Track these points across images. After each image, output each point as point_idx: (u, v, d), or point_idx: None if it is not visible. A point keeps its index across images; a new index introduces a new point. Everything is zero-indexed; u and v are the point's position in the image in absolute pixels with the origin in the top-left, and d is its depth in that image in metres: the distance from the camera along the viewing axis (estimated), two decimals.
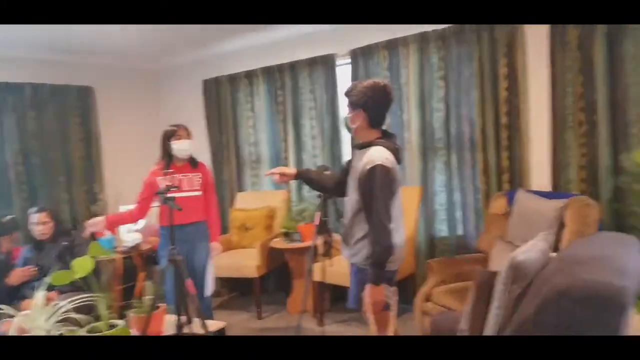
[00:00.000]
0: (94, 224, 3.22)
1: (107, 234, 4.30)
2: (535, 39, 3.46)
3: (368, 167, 2.12)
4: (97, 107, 5.01)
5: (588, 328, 1.37)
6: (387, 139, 2.26)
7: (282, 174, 2.57)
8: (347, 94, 2.26)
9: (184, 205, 3.15)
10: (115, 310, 3.91)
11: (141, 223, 5.09)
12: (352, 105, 2.23)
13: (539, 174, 3.53)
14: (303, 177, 2.62)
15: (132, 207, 3.44)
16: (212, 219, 3.45)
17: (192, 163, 3.38)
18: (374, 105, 2.19)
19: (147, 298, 2.62)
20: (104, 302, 2.34)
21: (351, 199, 2.28)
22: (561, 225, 2.92)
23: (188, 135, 3.32)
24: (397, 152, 2.24)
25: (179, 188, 3.07)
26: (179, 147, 3.25)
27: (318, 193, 3.28)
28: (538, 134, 3.52)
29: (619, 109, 3.18)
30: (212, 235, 3.43)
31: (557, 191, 3.40)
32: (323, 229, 3.23)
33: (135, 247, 4.34)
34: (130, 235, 4.46)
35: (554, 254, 1.85)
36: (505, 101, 3.56)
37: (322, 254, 3.30)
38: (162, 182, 3.18)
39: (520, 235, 3.11)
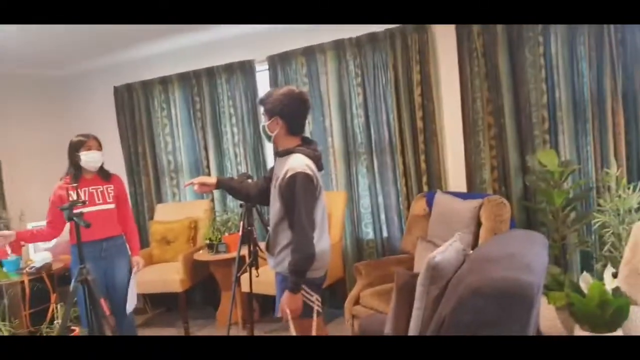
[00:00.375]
0: (2, 236, 2.96)
1: (11, 255, 3.97)
2: (445, 46, 3.64)
3: (288, 175, 2.11)
4: None
5: (501, 323, 1.44)
6: (307, 145, 2.25)
7: (202, 184, 2.47)
8: (262, 101, 2.24)
9: (97, 219, 3.00)
10: None
11: (52, 240, 4.77)
12: (269, 113, 2.21)
13: (455, 175, 3.71)
14: (225, 186, 2.53)
15: (40, 224, 3.20)
16: (130, 232, 3.28)
17: (103, 175, 3.20)
18: (290, 112, 2.17)
19: (57, 322, 2.45)
20: (6, 329, 2.15)
21: (274, 208, 2.25)
22: (478, 224, 3.08)
23: (98, 146, 3.15)
24: (317, 159, 2.23)
25: (87, 203, 2.90)
26: (88, 158, 3.06)
27: (241, 202, 3.24)
28: (452, 137, 3.70)
29: (524, 112, 3.41)
30: (132, 249, 3.26)
31: (472, 191, 3.59)
32: (247, 238, 3.19)
33: (45, 267, 4.03)
34: (38, 254, 4.14)
35: (471, 252, 1.94)
36: (420, 106, 3.70)
37: (248, 264, 3.24)
38: (71, 197, 2.98)
39: (440, 235, 3.23)
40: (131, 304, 3.19)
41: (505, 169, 3.52)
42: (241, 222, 3.12)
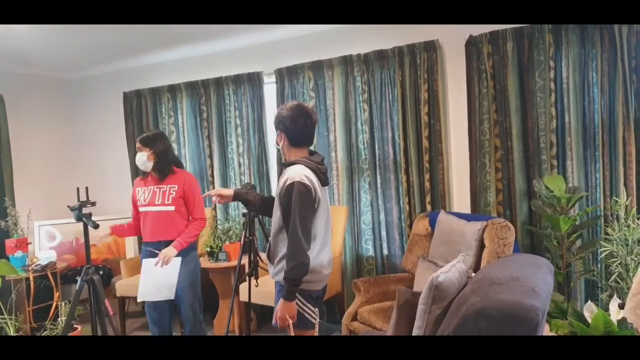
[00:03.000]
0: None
1: (18, 252, 3.97)
2: (454, 65, 3.64)
3: (287, 183, 2.16)
4: (7, 116, 4.64)
5: None
6: (311, 158, 2.29)
7: (219, 195, 2.53)
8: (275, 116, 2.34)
9: (155, 221, 3.06)
10: (25, 334, 3.63)
11: (57, 239, 4.77)
12: (275, 127, 2.31)
13: (459, 196, 3.69)
14: (240, 198, 2.60)
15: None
16: (188, 226, 3.13)
17: (161, 175, 3.10)
18: (291, 125, 2.24)
19: (61, 320, 2.45)
20: (12, 324, 2.14)
21: (275, 217, 2.29)
22: (481, 246, 3.04)
23: (144, 147, 3.07)
24: (320, 172, 2.27)
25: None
26: (136, 159, 3.10)
27: (243, 212, 3.22)
28: (458, 157, 3.68)
29: (532, 136, 3.40)
30: (177, 240, 3.06)
31: (476, 213, 3.56)
32: (248, 248, 3.16)
33: (50, 265, 4.02)
34: (44, 253, 4.16)
35: (473, 274, 1.91)
36: (427, 125, 3.69)
37: (248, 274, 3.21)
38: (139, 194, 3.11)
39: (442, 255, 3.20)
40: (147, 294, 3.07)
41: (510, 192, 3.49)
42: (243, 232, 3.09)
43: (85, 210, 2.55)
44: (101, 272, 4.74)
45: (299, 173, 2.16)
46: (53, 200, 5.02)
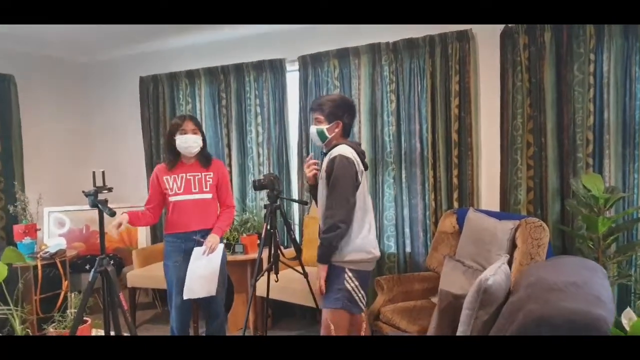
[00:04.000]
0: (119, 222, 2.82)
1: (26, 239, 3.87)
2: (487, 57, 3.48)
3: (329, 159, 2.35)
4: (18, 98, 4.53)
5: None
6: (352, 141, 2.53)
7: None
8: (320, 106, 2.47)
9: (192, 210, 2.92)
10: (32, 325, 3.53)
11: (66, 226, 4.68)
12: (330, 117, 2.44)
13: (489, 193, 3.54)
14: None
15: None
16: (222, 213, 3.05)
17: (204, 161, 2.99)
18: (348, 119, 2.49)
19: (71, 311, 2.36)
20: (18, 315, 2.04)
21: (321, 200, 2.42)
22: (512, 246, 2.90)
23: (195, 129, 2.92)
24: (362, 154, 2.47)
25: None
26: (182, 142, 2.88)
27: (265, 203, 3.10)
28: (488, 153, 3.53)
29: (567, 132, 3.24)
30: (215, 227, 2.97)
31: (505, 211, 3.41)
32: (269, 241, 3.05)
33: (59, 253, 3.92)
34: (53, 240, 4.05)
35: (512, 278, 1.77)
36: (457, 118, 3.54)
37: (267, 268, 3.10)
38: (169, 183, 2.92)
39: (470, 255, 3.07)
40: (196, 290, 2.89)
41: (542, 191, 3.34)
42: (265, 224, 2.98)
43: (101, 197, 2.42)
44: (112, 262, 4.63)
45: (343, 150, 2.34)
46: (64, 185, 4.92)
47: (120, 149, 5.09)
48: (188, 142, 2.88)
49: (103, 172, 2.66)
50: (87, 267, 4.39)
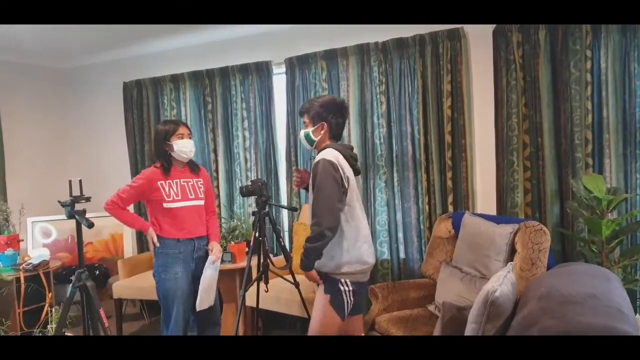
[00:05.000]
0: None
1: (8, 250, 3.70)
2: (480, 55, 3.38)
3: (314, 163, 2.23)
4: None
5: None
6: (342, 144, 2.38)
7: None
8: (307, 110, 2.38)
9: (189, 216, 2.81)
10: None
11: (53, 236, 4.50)
12: (315, 119, 2.35)
13: (484, 196, 3.42)
14: None
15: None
16: (212, 221, 3.01)
17: (193, 167, 2.93)
18: (335, 120, 2.36)
19: (51, 326, 2.23)
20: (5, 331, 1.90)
21: (310, 204, 2.29)
22: (512, 251, 2.78)
23: (190, 135, 2.86)
24: (350, 157, 2.32)
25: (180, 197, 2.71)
26: (181, 147, 2.78)
27: (253, 210, 2.97)
28: (483, 155, 3.42)
29: (564, 132, 3.14)
30: (211, 234, 2.95)
31: (502, 215, 3.30)
32: (258, 249, 2.91)
33: (42, 265, 3.75)
34: (36, 250, 3.88)
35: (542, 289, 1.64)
36: (449, 120, 3.43)
37: (257, 278, 2.95)
38: (164, 189, 2.76)
39: (468, 261, 2.95)
40: (206, 301, 2.84)
41: (540, 193, 3.23)
42: (253, 232, 2.84)
43: (78, 207, 2.27)
44: (97, 272, 4.47)
45: (328, 153, 2.23)
46: (46, 194, 4.74)
47: (103, 156, 4.92)
48: (188, 147, 2.81)
49: (80, 181, 2.52)
50: (72, 278, 4.20)
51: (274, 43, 4.01)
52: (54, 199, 4.81)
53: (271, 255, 3.05)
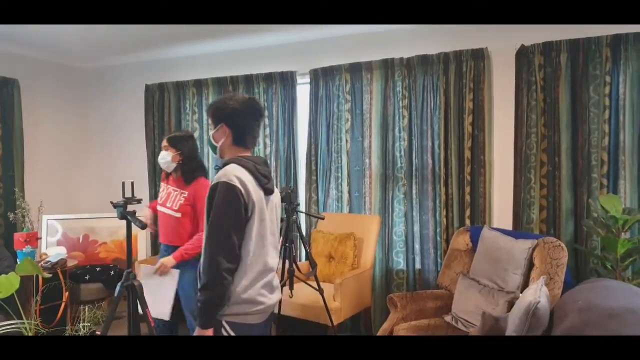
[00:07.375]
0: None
1: (27, 247, 3.74)
2: (502, 75, 3.50)
3: (211, 185, 1.76)
4: (21, 103, 4.43)
5: None
6: (250, 157, 1.86)
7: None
8: (209, 108, 1.94)
9: (163, 223, 2.95)
10: None
11: (58, 234, 4.54)
12: (215, 120, 1.90)
13: (501, 212, 3.53)
14: None
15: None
16: (192, 241, 2.83)
17: (185, 178, 2.90)
18: (240, 121, 1.87)
19: (84, 325, 2.27)
20: (31, 328, 1.95)
21: (204, 238, 1.79)
22: (529, 266, 2.89)
23: (166, 146, 2.94)
24: (258, 174, 1.82)
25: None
26: (159, 159, 2.98)
27: (282, 216, 3.04)
28: (501, 171, 3.53)
29: (581, 153, 3.25)
30: (178, 250, 2.81)
31: (518, 230, 3.41)
32: (285, 255, 3.00)
33: (60, 263, 3.80)
34: (54, 249, 3.93)
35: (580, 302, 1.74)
36: (470, 136, 3.54)
37: (282, 284, 3.03)
38: (160, 191, 3.06)
39: (486, 274, 3.04)
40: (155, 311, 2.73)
41: (555, 210, 3.35)
42: (280, 238, 2.91)
43: (129, 208, 2.36)
44: (112, 272, 4.52)
45: (228, 172, 1.74)
46: (65, 193, 4.82)
47: (123, 157, 4.99)
48: (160, 158, 2.94)
49: (132, 183, 2.61)
50: (87, 277, 4.26)
51: (298, 54, 4.12)
52: (71, 197, 4.92)
53: (297, 262, 3.14)
